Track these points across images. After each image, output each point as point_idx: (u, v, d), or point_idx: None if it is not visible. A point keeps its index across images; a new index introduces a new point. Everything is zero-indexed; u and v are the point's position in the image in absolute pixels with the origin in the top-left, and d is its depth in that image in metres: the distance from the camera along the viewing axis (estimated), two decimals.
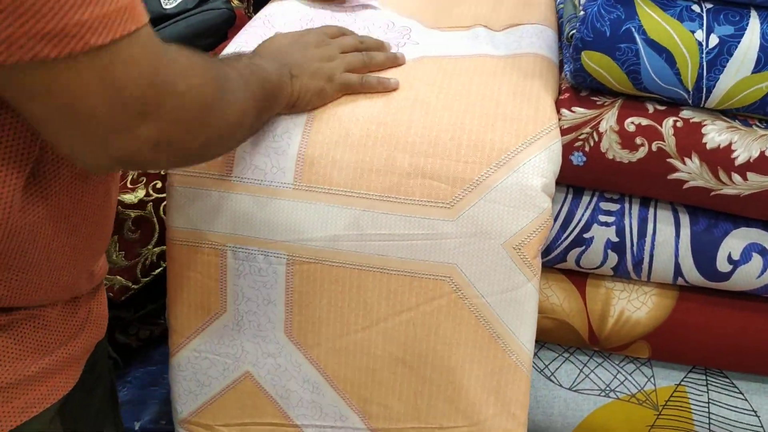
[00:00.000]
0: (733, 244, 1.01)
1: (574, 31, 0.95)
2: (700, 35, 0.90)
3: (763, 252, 1.01)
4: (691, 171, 0.96)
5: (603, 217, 1.01)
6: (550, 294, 1.07)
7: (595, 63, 0.93)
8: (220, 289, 0.98)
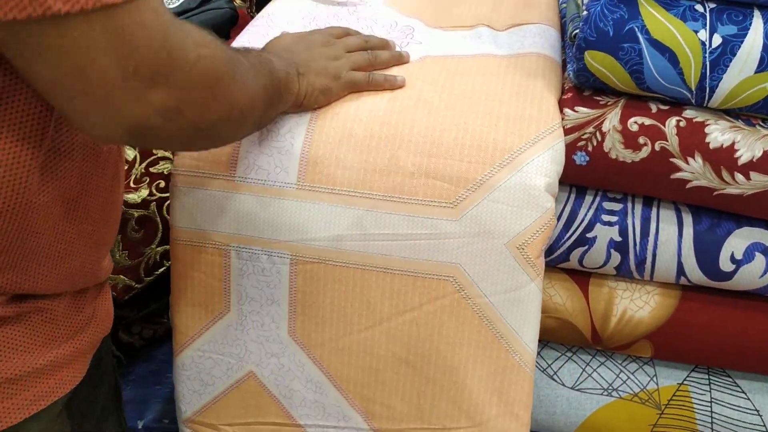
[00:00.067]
0: (736, 243, 1.01)
1: (577, 31, 0.95)
2: (703, 35, 0.90)
3: (766, 251, 1.01)
4: (694, 170, 0.96)
5: (606, 217, 1.01)
6: (553, 293, 1.07)
7: (599, 63, 0.93)
8: (223, 289, 0.98)
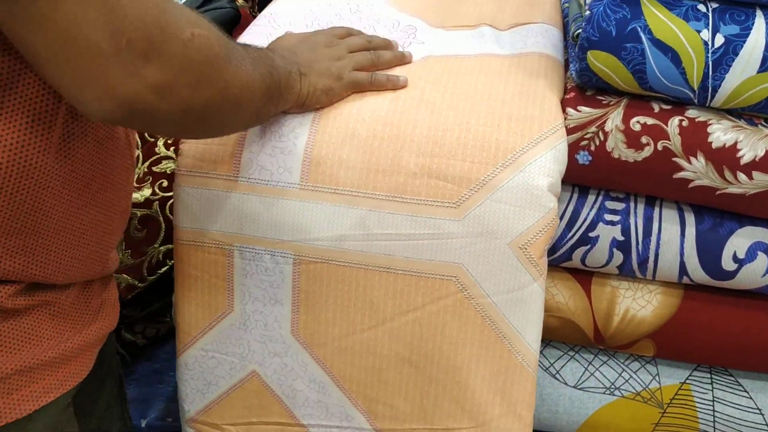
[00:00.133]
0: (739, 242, 1.01)
1: (579, 31, 0.95)
2: (705, 35, 0.90)
3: None
4: (697, 170, 0.96)
5: (608, 216, 1.02)
6: (555, 293, 1.07)
7: (601, 62, 0.93)
8: (227, 289, 0.99)
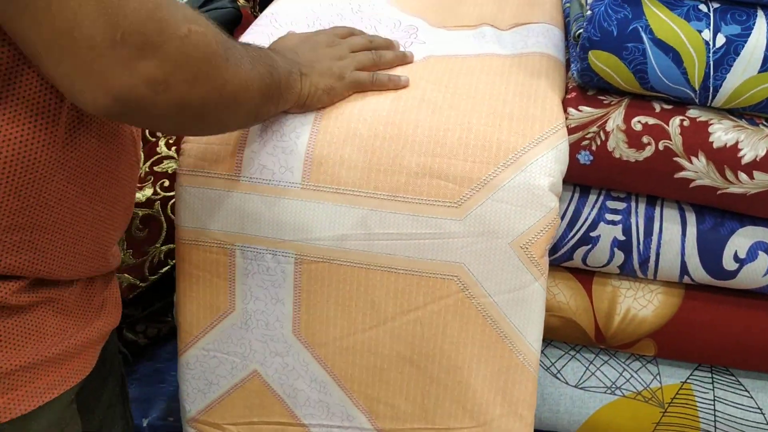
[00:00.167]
0: (740, 242, 1.01)
1: (581, 31, 0.95)
2: (707, 35, 0.90)
3: None
4: (698, 170, 0.96)
5: (609, 216, 1.02)
6: (556, 292, 1.07)
7: (603, 62, 0.93)
8: (228, 288, 0.99)
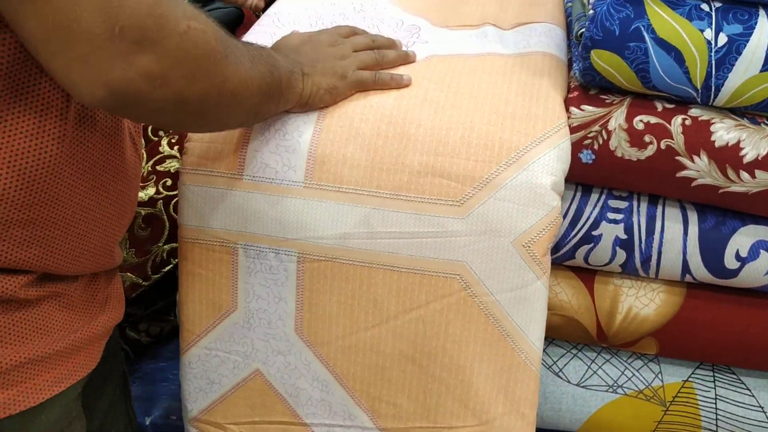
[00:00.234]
0: (741, 241, 1.01)
1: (583, 30, 0.95)
2: (709, 34, 0.90)
3: None
4: (700, 169, 0.96)
5: (611, 215, 1.02)
6: (558, 291, 1.07)
7: (605, 62, 0.93)
8: (231, 287, 0.99)
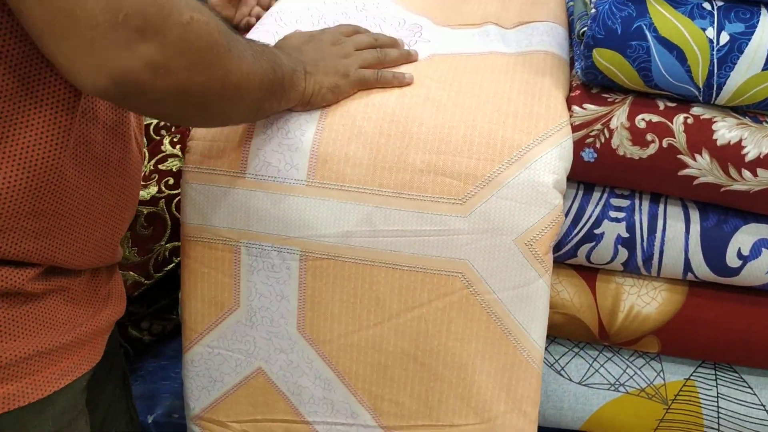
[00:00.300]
0: (743, 239, 1.01)
1: (585, 29, 0.95)
2: (710, 33, 0.90)
3: None
4: (702, 167, 0.96)
5: (613, 213, 1.02)
6: (560, 289, 1.07)
7: (607, 60, 0.93)
8: (233, 285, 0.99)
